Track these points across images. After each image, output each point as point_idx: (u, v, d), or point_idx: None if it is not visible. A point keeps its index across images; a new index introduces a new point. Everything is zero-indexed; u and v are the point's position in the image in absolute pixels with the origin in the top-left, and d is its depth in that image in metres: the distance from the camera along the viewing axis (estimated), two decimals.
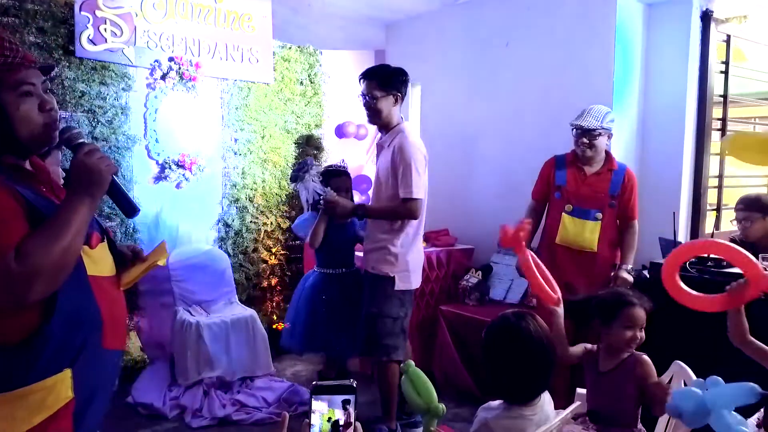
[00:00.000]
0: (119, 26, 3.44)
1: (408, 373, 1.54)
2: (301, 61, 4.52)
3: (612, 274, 2.77)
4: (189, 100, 3.81)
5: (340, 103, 4.81)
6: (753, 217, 2.82)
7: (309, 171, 2.93)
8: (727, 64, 3.53)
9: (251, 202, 4.22)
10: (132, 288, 3.94)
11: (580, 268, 2.82)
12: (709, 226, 3.52)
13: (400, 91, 2.77)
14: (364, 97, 2.76)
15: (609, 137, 2.87)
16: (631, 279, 2.73)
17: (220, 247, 4.03)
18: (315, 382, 0.86)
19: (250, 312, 3.62)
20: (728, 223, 3.77)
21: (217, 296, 3.73)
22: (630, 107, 3.47)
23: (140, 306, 3.65)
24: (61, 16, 3.28)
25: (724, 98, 3.55)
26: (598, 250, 2.80)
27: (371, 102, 2.73)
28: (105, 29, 3.38)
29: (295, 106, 4.47)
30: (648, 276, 2.80)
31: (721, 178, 3.65)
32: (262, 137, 4.25)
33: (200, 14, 3.81)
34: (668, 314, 2.38)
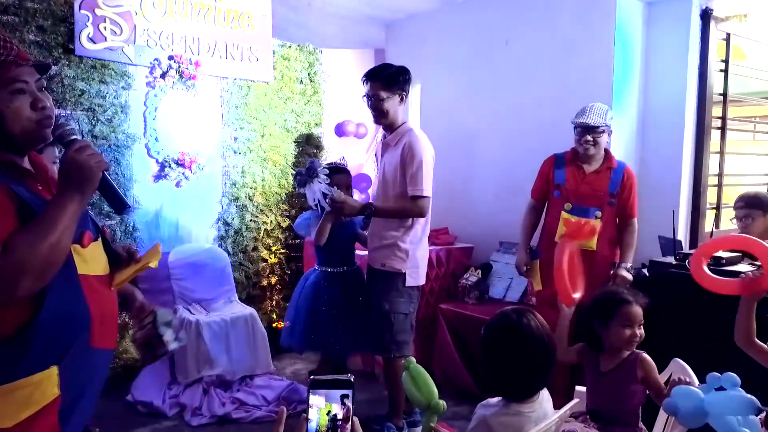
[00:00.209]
0: (119, 25, 3.44)
1: (409, 370, 1.54)
2: (301, 60, 4.52)
3: (611, 273, 2.77)
4: (189, 99, 3.81)
5: (340, 102, 4.81)
6: (753, 214, 2.82)
7: (317, 175, 2.84)
8: (726, 62, 3.53)
9: (251, 200, 4.22)
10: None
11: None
12: (709, 225, 3.52)
13: (405, 90, 2.78)
14: (369, 99, 2.75)
15: (609, 134, 2.88)
16: (630, 277, 2.73)
17: (220, 246, 4.04)
18: (312, 377, 0.86)
19: (249, 311, 3.62)
20: (728, 221, 3.78)
21: (217, 295, 3.73)
22: (630, 106, 3.47)
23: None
24: (61, 14, 3.28)
25: (724, 97, 3.55)
26: (597, 249, 2.81)
27: (377, 103, 2.73)
28: (105, 28, 3.38)
29: (294, 104, 4.47)
30: (647, 274, 2.81)
31: (721, 176, 3.65)
32: (262, 136, 4.25)
33: (200, 13, 3.81)
34: (668, 313, 2.39)
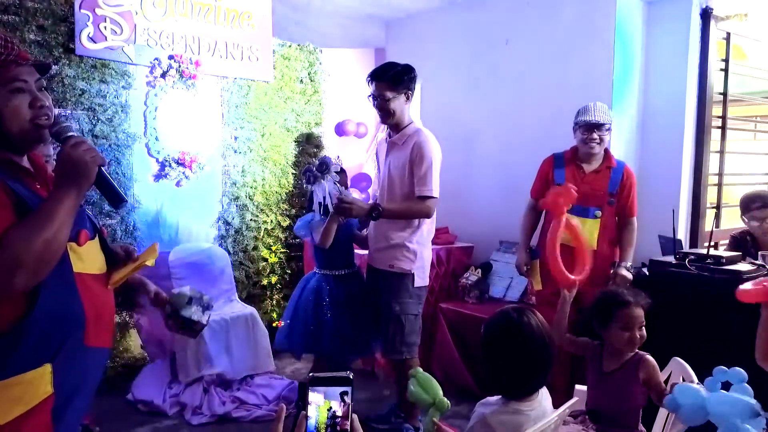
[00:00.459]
0: (119, 24, 3.44)
1: (417, 378, 1.57)
2: (301, 60, 4.53)
3: (611, 272, 2.77)
4: (189, 98, 3.81)
5: (340, 101, 4.82)
6: None
7: (329, 171, 2.73)
8: (727, 61, 3.53)
9: (251, 200, 4.22)
10: (132, 285, 3.90)
11: None
12: (709, 224, 3.52)
13: (410, 89, 2.75)
14: (375, 99, 2.73)
15: (609, 133, 2.88)
16: (630, 276, 2.73)
17: (220, 245, 4.04)
18: (311, 374, 0.86)
19: (250, 310, 3.63)
20: (728, 220, 3.78)
21: (217, 294, 3.73)
22: (630, 105, 3.47)
23: (140, 303, 3.65)
24: (61, 14, 3.28)
25: (724, 96, 3.55)
26: (597, 248, 2.80)
27: (383, 103, 2.70)
28: (105, 27, 3.38)
29: (295, 104, 4.47)
30: (647, 273, 2.80)
31: (721, 176, 3.65)
32: (262, 135, 4.26)
33: (200, 12, 3.81)
34: (668, 312, 2.39)
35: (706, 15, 3.34)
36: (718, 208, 3.65)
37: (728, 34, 3.51)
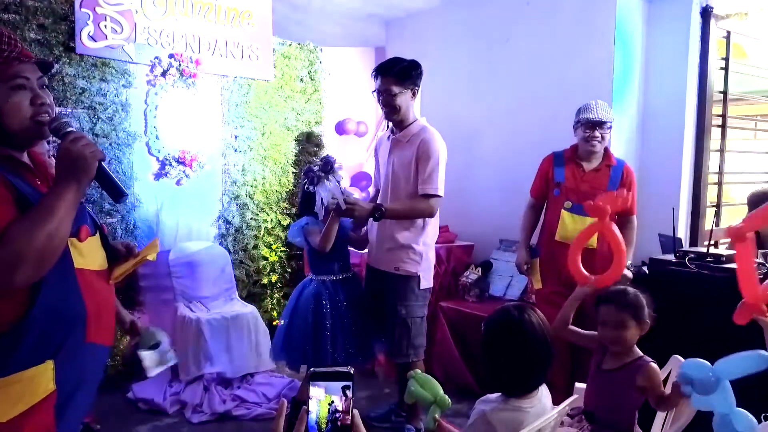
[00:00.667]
0: (119, 23, 3.45)
1: (416, 378, 1.57)
2: (302, 58, 4.53)
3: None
4: (189, 97, 3.81)
5: (340, 100, 4.82)
6: None
7: (334, 171, 2.59)
8: (727, 60, 3.53)
9: (251, 199, 4.22)
10: (132, 284, 3.90)
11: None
12: (709, 223, 3.52)
13: (417, 85, 2.68)
14: (380, 94, 2.65)
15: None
16: (630, 275, 2.73)
17: (221, 244, 4.04)
18: (312, 369, 0.86)
19: (250, 309, 3.63)
20: (728, 219, 3.78)
21: (217, 293, 3.74)
22: (630, 104, 3.47)
23: (141, 302, 3.66)
24: (62, 12, 3.28)
25: (724, 95, 3.55)
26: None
27: (389, 99, 2.63)
28: (105, 26, 3.38)
29: (295, 103, 4.47)
30: (647, 272, 2.81)
31: (721, 174, 3.65)
32: (263, 134, 4.26)
33: (200, 11, 3.81)
34: (668, 310, 2.39)
35: (707, 14, 3.34)
36: (718, 206, 3.65)
37: (728, 33, 3.51)
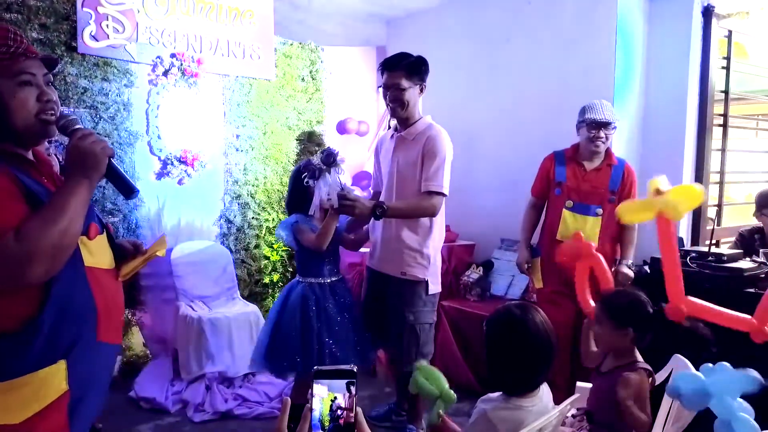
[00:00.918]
0: (121, 22, 3.45)
1: (421, 371, 1.56)
2: (303, 58, 4.53)
3: (612, 270, 2.77)
4: (191, 97, 3.82)
5: (342, 100, 4.82)
6: None
7: (336, 163, 2.42)
8: (728, 59, 3.53)
9: (253, 198, 4.23)
10: (134, 283, 3.91)
11: None
12: (710, 222, 3.52)
13: (424, 81, 2.62)
14: (388, 89, 2.56)
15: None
16: (631, 274, 2.73)
17: (222, 243, 4.05)
18: (316, 367, 0.86)
19: (252, 308, 3.64)
20: (729, 219, 3.78)
21: (219, 292, 3.75)
22: (631, 103, 3.47)
23: (142, 301, 3.67)
24: (64, 12, 3.29)
25: (726, 94, 3.55)
26: (598, 246, 2.80)
27: (398, 93, 2.54)
28: (107, 25, 3.39)
29: (296, 102, 4.48)
30: (649, 271, 2.81)
31: (722, 174, 3.65)
32: (264, 133, 4.26)
33: (202, 11, 3.82)
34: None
35: (708, 13, 3.34)
36: (719, 206, 3.65)
37: (730, 32, 3.51)
